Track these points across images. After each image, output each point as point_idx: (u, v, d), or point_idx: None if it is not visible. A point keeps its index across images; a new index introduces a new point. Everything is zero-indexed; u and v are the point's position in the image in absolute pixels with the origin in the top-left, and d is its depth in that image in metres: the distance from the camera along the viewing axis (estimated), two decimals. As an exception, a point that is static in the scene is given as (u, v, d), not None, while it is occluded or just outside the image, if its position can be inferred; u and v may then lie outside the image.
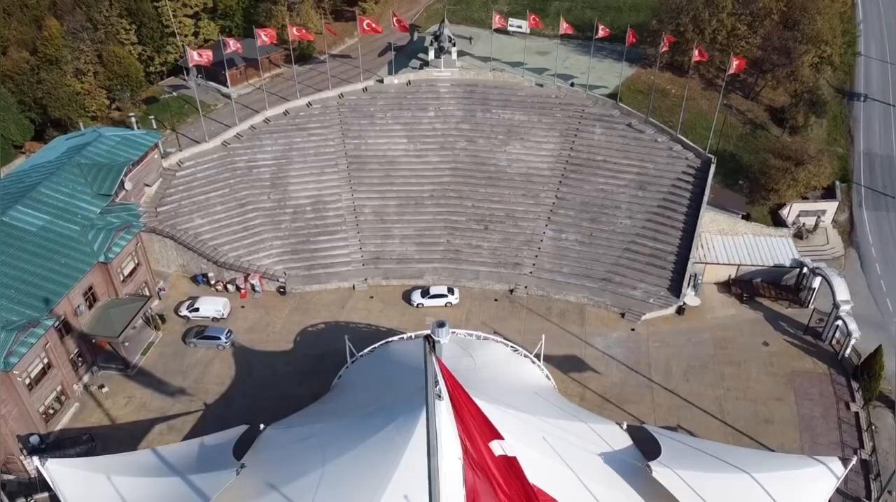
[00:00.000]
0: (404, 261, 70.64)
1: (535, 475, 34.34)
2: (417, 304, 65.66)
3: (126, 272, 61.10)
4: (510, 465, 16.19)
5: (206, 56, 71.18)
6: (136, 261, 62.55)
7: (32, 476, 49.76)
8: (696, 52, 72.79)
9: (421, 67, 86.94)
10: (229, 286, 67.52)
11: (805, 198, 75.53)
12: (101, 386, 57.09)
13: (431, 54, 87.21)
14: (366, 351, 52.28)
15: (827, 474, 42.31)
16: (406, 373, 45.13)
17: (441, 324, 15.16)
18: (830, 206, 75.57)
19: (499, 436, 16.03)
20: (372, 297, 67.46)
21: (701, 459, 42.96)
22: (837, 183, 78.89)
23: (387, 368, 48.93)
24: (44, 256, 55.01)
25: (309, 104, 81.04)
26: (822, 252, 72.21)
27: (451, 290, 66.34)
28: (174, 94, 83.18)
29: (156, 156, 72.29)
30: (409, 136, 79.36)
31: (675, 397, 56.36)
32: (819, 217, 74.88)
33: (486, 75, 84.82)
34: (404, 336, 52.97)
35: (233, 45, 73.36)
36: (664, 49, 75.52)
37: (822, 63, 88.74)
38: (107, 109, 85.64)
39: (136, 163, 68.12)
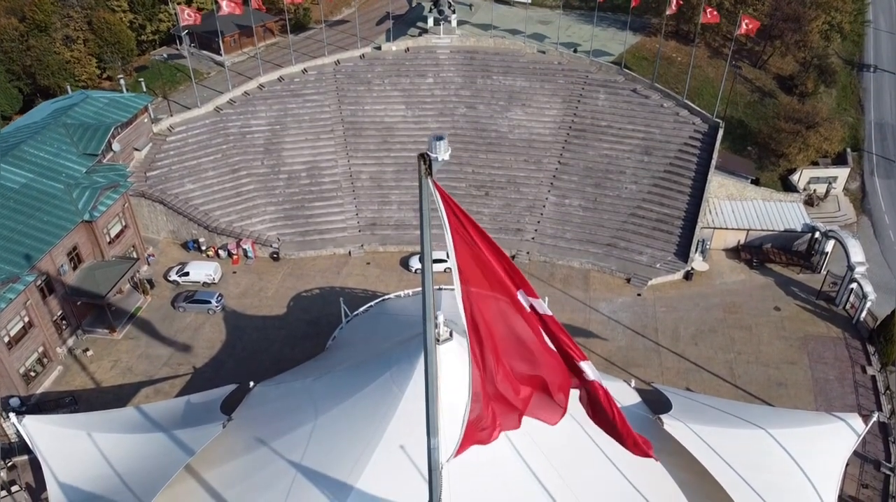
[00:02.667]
0: (402, 227, 68.38)
1: (540, 428, 32.21)
2: (416, 270, 63.46)
3: (113, 234, 58.85)
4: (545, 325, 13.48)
5: (196, 17, 68.83)
6: (124, 224, 60.30)
7: (13, 440, 47.58)
8: (706, 14, 70.14)
9: (420, 35, 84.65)
10: (221, 252, 65.27)
11: (815, 164, 73.25)
12: (86, 350, 54.87)
13: (430, 21, 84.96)
14: (361, 309, 50.14)
15: (847, 431, 40.12)
16: (403, 327, 43.02)
17: (439, 138, 12.41)
18: (842, 173, 73.31)
19: (532, 293, 13.23)
20: (368, 263, 65.26)
21: (714, 415, 40.79)
22: (849, 150, 76.60)
23: (383, 324, 46.80)
24: (26, 213, 52.82)
25: (304, 70, 78.80)
26: (834, 219, 69.93)
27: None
28: (165, 56, 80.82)
29: (146, 121, 70.04)
30: (407, 103, 77.07)
31: (684, 361, 54.16)
32: (830, 183, 72.62)
33: (486, 42, 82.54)
34: (401, 293, 50.79)
35: (226, 5, 70.90)
36: (671, 11, 73.07)
37: (831, 30, 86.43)
38: (97, 78, 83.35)
39: (125, 125, 65.96)
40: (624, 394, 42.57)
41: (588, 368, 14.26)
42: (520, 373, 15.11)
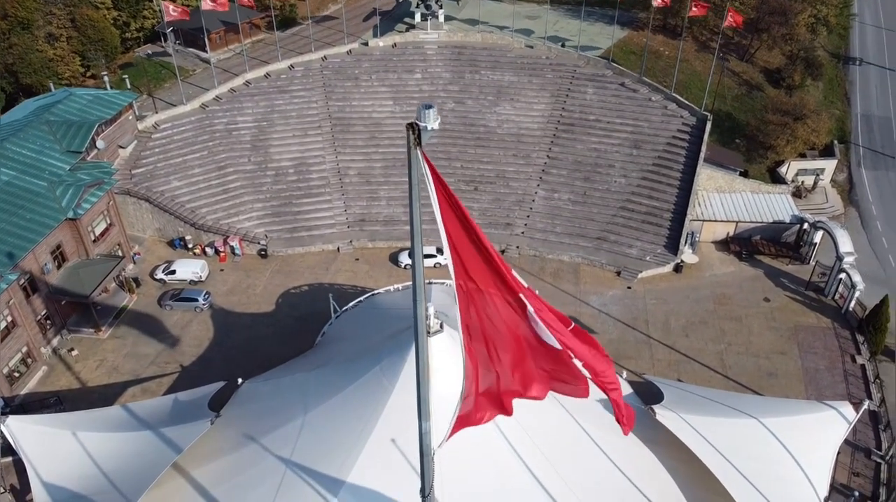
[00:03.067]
0: (391, 222, 67.95)
1: (530, 416, 31.87)
2: (405, 265, 63.08)
3: (97, 232, 58.02)
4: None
5: (181, 11, 68.09)
6: (109, 221, 59.49)
7: (-3, 441, 46.73)
8: (692, 7, 70.12)
9: (407, 31, 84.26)
10: (208, 249, 64.59)
11: (803, 156, 73.50)
12: (71, 350, 54.05)
13: (418, 17, 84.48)
14: (350, 305, 49.69)
15: (838, 419, 40.27)
16: (393, 321, 42.62)
17: (428, 106, 12.11)
18: (829, 165, 73.65)
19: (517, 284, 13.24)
20: (357, 259, 64.79)
21: (706, 405, 40.72)
22: (836, 142, 76.94)
23: (372, 319, 46.38)
24: (8, 211, 51.89)
25: (291, 67, 78.20)
26: (822, 210, 70.24)
27: (439, 250, 63.73)
28: (150, 53, 79.97)
29: (130, 118, 69.22)
30: (395, 98, 76.63)
31: (675, 352, 54.07)
32: (818, 175, 72.94)
33: (474, 37, 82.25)
34: (390, 288, 50.38)
35: (210, 1, 70.07)
36: (660, 4, 73.01)
37: (817, 24, 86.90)
38: (81, 76, 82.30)
39: (109, 122, 65.15)
40: (615, 386, 42.34)
41: (580, 364, 14.19)
42: (532, 362, 14.92)
